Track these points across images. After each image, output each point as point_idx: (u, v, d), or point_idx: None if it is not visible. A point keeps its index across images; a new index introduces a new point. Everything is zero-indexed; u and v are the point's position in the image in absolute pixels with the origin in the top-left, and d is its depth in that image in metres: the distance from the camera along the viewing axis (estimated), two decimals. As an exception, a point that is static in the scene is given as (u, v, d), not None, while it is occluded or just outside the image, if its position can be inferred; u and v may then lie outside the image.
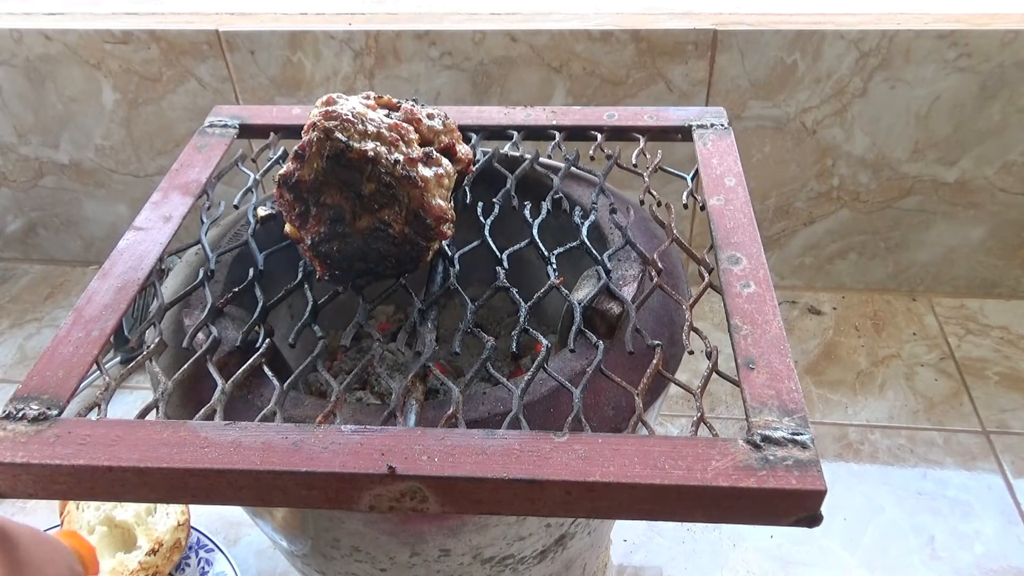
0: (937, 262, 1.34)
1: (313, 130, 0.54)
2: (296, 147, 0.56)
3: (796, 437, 0.44)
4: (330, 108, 0.55)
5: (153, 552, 0.90)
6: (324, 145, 0.54)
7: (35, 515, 1.04)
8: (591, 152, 0.74)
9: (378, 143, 0.55)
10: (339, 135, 0.54)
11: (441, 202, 0.58)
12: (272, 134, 0.77)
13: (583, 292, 0.60)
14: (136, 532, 0.93)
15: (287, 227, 0.59)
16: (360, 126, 0.55)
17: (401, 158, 0.55)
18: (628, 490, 0.42)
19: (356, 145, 0.54)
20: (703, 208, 0.64)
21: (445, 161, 0.60)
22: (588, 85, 1.20)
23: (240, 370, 0.53)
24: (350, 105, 0.57)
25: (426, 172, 0.57)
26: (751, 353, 0.50)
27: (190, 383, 0.56)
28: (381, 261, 0.57)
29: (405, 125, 0.58)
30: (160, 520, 0.94)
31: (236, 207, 0.72)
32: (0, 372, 1.31)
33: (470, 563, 0.65)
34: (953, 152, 1.22)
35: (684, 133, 0.74)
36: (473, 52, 1.19)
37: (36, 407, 0.48)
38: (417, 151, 0.58)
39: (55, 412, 0.48)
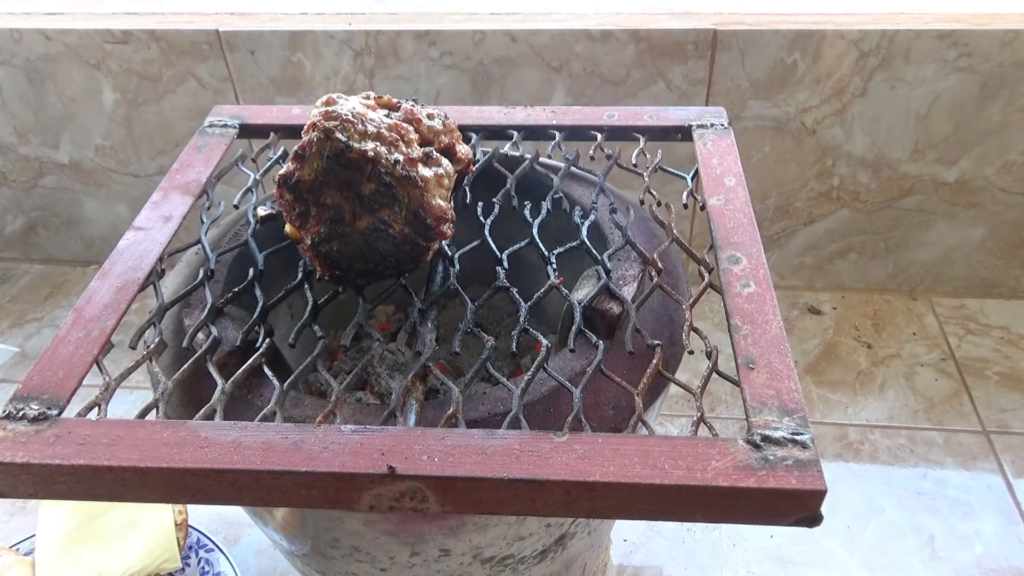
0: (937, 262, 1.34)
1: (313, 130, 0.54)
2: (296, 147, 0.56)
3: (796, 437, 0.44)
4: (330, 108, 0.55)
5: None
6: (324, 145, 0.54)
7: (33, 515, 1.04)
8: (591, 152, 0.74)
9: (378, 143, 0.55)
10: (339, 135, 0.54)
11: (441, 202, 0.58)
12: (272, 134, 0.77)
13: (583, 292, 0.60)
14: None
15: (287, 227, 0.59)
16: (360, 126, 0.55)
17: (401, 158, 0.55)
18: (628, 490, 0.42)
19: (356, 145, 0.54)
20: (703, 208, 0.64)
21: (445, 161, 0.60)
22: (588, 85, 1.20)
23: (240, 370, 0.53)
24: (350, 105, 0.57)
25: (426, 172, 0.57)
26: (751, 353, 0.50)
27: (190, 383, 0.56)
28: (381, 261, 0.57)
29: (405, 125, 0.58)
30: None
31: (236, 207, 0.72)
32: (0, 372, 1.31)
33: (470, 563, 0.65)
34: (953, 152, 1.22)
35: (684, 133, 0.74)
36: (473, 52, 1.18)
37: (36, 407, 0.48)
38: (417, 151, 0.58)
39: (55, 412, 0.48)
